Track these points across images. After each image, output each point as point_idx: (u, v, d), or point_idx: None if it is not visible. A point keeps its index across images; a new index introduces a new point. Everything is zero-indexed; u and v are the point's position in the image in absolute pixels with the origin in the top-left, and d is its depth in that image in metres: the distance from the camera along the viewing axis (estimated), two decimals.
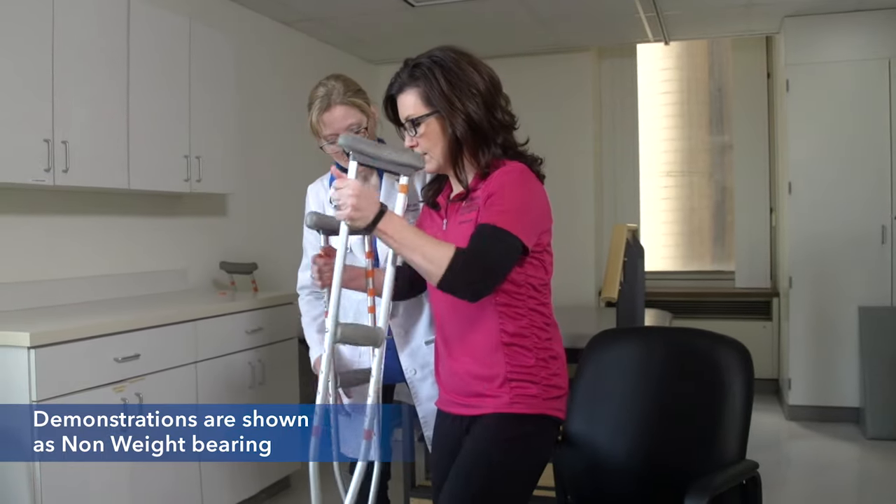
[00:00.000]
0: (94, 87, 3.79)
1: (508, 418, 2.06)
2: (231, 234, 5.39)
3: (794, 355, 5.97)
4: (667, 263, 7.65)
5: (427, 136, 2.11)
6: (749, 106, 7.25)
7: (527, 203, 2.04)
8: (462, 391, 2.14)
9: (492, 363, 2.08)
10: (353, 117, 2.54)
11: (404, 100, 2.12)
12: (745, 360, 2.33)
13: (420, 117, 2.10)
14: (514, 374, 2.07)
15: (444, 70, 2.08)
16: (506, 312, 2.08)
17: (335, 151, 2.55)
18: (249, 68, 5.51)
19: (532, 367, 2.08)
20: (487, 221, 1.99)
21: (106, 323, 3.37)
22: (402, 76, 2.13)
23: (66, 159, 3.60)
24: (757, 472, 2.23)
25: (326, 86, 2.58)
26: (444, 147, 2.10)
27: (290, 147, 6.11)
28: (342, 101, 2.54)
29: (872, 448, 5.30)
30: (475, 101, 2.08)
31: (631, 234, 5.28)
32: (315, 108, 2.57)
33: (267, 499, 4.46)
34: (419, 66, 2.10)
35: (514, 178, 2.06)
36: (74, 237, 4.15)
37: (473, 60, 2.13)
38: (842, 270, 5.79)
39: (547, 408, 2.09)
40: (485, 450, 2.06)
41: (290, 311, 4.58)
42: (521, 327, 2.09)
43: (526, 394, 2.06)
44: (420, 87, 2.09)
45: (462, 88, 2.08)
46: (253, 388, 4.23)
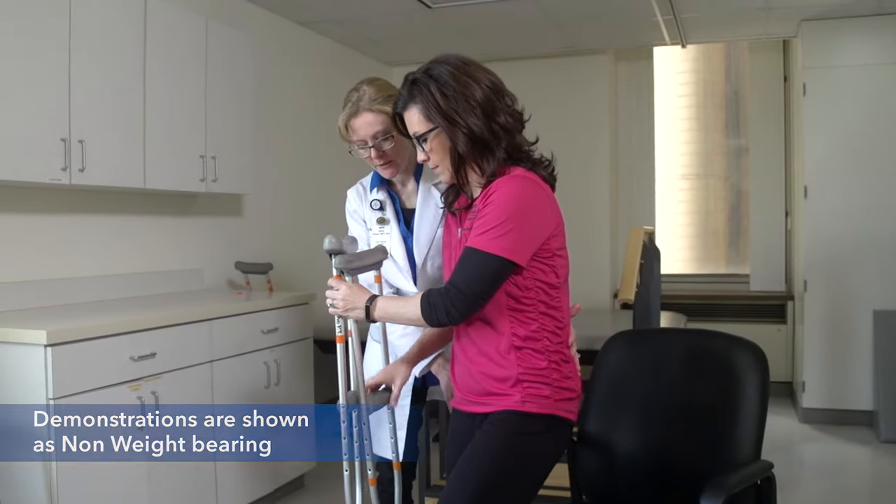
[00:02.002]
0: (110, 86, 3.81)
1: (519, 415, 2.08)
2: (246, 234, 5.40)
3: (808, 358, 5.95)
4: (682, 266, 7.63)
5: (435, 151, 2.13)
6: (765, 110, 7.22)
7: (516, 217, 2.03)
8: (476, 390, 2.16)
9: (505, 364, 2.09)
10: (381, 124, 2.50)
11: (409, 116, 2.15)
12: (760, 361, 2.32)
13: (424, 133, 2.12)
14: (526, 376, 2.08)
15: (440, 84, 2.08)
16: (516, 317, 2.09)
17: (366, 157, 2.56)
18: (266, 69, 5.52)
19: (544, 369, 2.09)
20: (470, 245, 2.05)
21: (122, 322, 3.38)
22: (403, 93, 2.15)
23: (83, 158, 3.62)
24: (772, 472, 2.22)
25: (359, 91, 2.55)
26: (451, 160, 2.13)
27: (307, 148, 6.12)
28: (370, 108, 2.51)
29: (886, 451, 5.29)
30: (474, 114, 2.07)
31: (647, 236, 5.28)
32: (345, 112, 2.56)
33: (281, 497, 4.47)
34: (416, 82, 2.12)
35: (507, 193, 2.05)
36: (90, 236, 4.17)
37: (471, 69, 2.12)
38: (857, 274, 5.77)
39: (558, 409, 2.10)
40: (493, 440, 2.07)
41: (305, 312, 4.60)
42: (532, 331, 2.09)
43: (538, 394, 2.08)
44: (419, 104, 2.11)
45: (459, 101, 2.07)
46: (269, 387, 4.24)
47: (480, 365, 2.13)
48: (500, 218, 2.02)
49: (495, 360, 2.10)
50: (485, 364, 2.12)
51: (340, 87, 6.76)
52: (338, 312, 2.21)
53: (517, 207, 2.03)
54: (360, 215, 2.70)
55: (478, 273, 2.02)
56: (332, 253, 2.25)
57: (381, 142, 2.50)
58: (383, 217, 2.64)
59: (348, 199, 2.75)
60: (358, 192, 2.74)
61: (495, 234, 2.01)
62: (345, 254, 2.27)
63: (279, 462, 4.35)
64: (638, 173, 7.61)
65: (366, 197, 2.70)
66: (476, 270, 2.02)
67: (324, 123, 6.31)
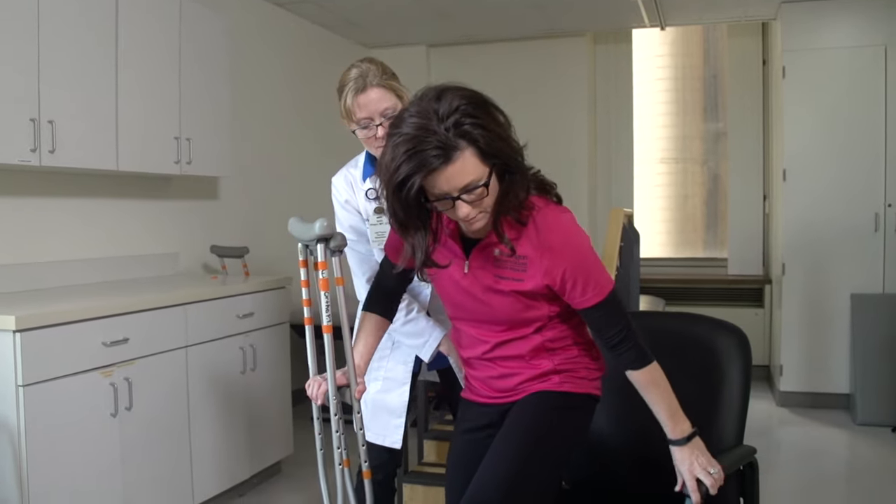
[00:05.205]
0: (81, 65, 3.72)
1: (555, 393, 2.07)
2: (223, 217, 5.34)
3: (785, 342, 5.97)
4: (659, 250, 7.65)
5: (490, 195, 1.85)
6: (744, 93, 7.24)
7: (590, 250, 1.97)
8: (508, 389, 2.13)
9: (539, 364, 2.08)
10: (388, 101, 2.41)
11: (456, 168, 1.78)
12: (743, 345, 2.31)
13: (483, 179, 1.81)
14: (562, 367, 2.08)
15: (484, 117, 1.81)
16: (544, 333, 2.07)
17: (367, 137, 2.47)
18: (242, 50, 5.45)
19: (577, 357, 2.10)
20: (597, 301, 1.95)
21: (93, 307, 3.31)
22: (441, 141, 1.75)
23: (53, 140, 3.54)
24: (754, 457, 2.21)
25: (360, 67, 2.44)
26: (498, 203, 1.88)
27: (284, 130, 6.06)
28: (379, 84, 2.41)
29: (862, 434, 5.33)
30: (511, 146, 1.88)
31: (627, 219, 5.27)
32: (349, 90, 2.43)
33: (258, 484, 4.43)
34: (458, 125, 1.76)
35: (575, 244, 1.95)
36: (62, 220, 4.09)
37: (487, 102, 1.86)
38: (835, 258, 5.79)
39: (591, 387, 2.11)
40: (533, 412, 2.05)
41: (282, 296, 4.55)
42: (561, 332, 2.08)
43: (574, 377, 2.09)
44: (471, 146, 1.78)
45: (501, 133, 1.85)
46: (244, 373, 4.19)
47: (514, 369, 2.10)
48: (590, 263, 1.96)
49: (529, 362, 2.08)
50: (518, 367, 2.09)
51: (318, 69, 6.72)
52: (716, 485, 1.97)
53: (585, 244, 1.97)
54: (354, 205, 2.60)
55: (621, 311, 2.00)
56: (326, 238, 2.10)
57: (389, 119, 2.40)
58: (381, 206, 2.57)
59: (336, 188, 2.64)
60: (347, 181, 2.63)
61: (598, 275, 1.96)
62: (337, 234, 2.14)
63: (256, 448, 4.31)
64: (616, 157, 7.62)
65: (357, 186, 2.61)
66: (620, 311, 1.99)
67: (301, 106, 6.26)
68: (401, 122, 1.81)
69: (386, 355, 2.70)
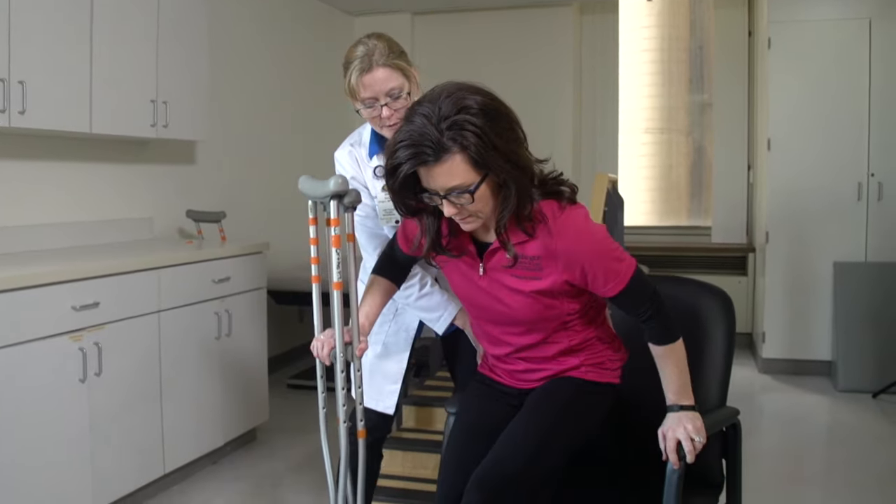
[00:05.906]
0: (54, 25, 3.61)
1: (580, 380, 2.13)
2: (199, 181, 5.25)
3: (768, 309, 5.98)
4: (644, 219, 7.64)
5: (481, 199, 1.88)
6: (729, 64, 7.22)
7: (605, 240, 1.98)
8: (533, 380, 2.18)
9: (566, 361, 2.13)
10: (395, 80, 2.32)
11: (444, 168, 1.83)
12: (726, 307, 2.29)
13: (475, 184, 1.85)
14: (589, 360, 2.14)
15: (484, 118, 1.83)
16: (568, 334, 2.11)
17: (372, 116, 2.39)
18: (222, 14, 5.34)
19: (601, 351, 2.16)
20: (621, 289, 1.97)
21: (62, 270, 3.23)
22: (432, 141, 1.81)
23: (24, 100, 3.44)
24: (738, 418, 2.19)
25: (367, 45, 2.34)
26: (493, 205, 1.93)
27: (262, 95, 5.96)
28: (385, 63, 2.31)
29: (843, 400, 5.36)
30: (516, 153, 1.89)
31: (612, 184, 5.24)
32: (354, 68, 2.33)
33: (232, 451, 4.38)
34: (454, 126, 1.80)
35: (589, 238, 1.96)
36: (33, 183, 4.00)
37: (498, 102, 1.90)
38: (818, 226, 5.79)
39: (612, 376, 2.17)
40: (557, 393, 2.11)
41: (259, 261, 4.48)
42: (585, 335, 2.13)
43: (598, 367, 2.14)
44: (465, 149, 1.81)
45: (504, 136, 1.87)
46: (219, 338, 4.12)
47: (542, 365, 2.15)
48: (611, 248, 1.97)
49: (557, 359, 2.14)
50: (546, 364, 2.15)
51: (300, 36, 6.59)
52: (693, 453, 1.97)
53: (602, 233, 2.00)
54: (361, 182, 2.53)
55: (646, 292, 2.01)
56: (340, 195, 2.08)
57: (394, 100, 2.33)
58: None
59: (340, 164, 2.57)
60: (353, 157, 2.56)
61: (616, 266, 1.96)
62: (351, 190, 2.12)
63: (230, 415, 4.25)
64: (601, 127, 7.58)
65: (364, 163, 2.54)
66: (645, 292, 2.00)
67: (282, 72, 6.15)
68: (413, 112, 1.87)
69: (388, 320, 2.67)
